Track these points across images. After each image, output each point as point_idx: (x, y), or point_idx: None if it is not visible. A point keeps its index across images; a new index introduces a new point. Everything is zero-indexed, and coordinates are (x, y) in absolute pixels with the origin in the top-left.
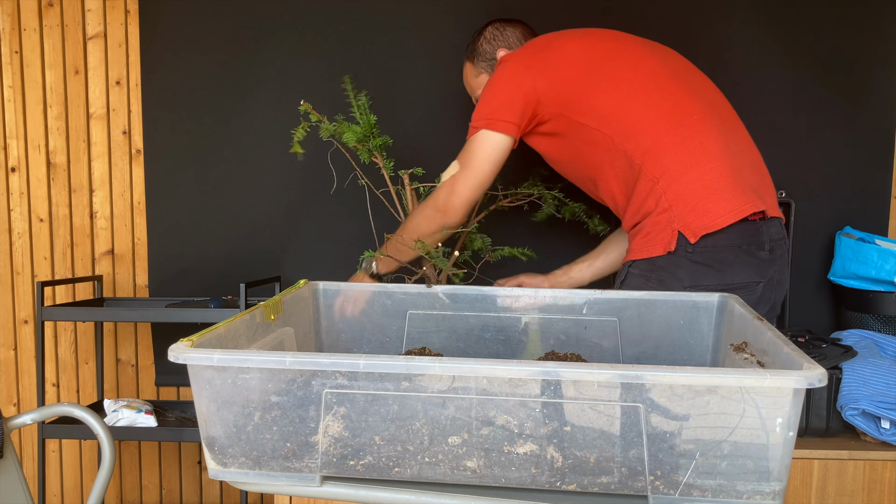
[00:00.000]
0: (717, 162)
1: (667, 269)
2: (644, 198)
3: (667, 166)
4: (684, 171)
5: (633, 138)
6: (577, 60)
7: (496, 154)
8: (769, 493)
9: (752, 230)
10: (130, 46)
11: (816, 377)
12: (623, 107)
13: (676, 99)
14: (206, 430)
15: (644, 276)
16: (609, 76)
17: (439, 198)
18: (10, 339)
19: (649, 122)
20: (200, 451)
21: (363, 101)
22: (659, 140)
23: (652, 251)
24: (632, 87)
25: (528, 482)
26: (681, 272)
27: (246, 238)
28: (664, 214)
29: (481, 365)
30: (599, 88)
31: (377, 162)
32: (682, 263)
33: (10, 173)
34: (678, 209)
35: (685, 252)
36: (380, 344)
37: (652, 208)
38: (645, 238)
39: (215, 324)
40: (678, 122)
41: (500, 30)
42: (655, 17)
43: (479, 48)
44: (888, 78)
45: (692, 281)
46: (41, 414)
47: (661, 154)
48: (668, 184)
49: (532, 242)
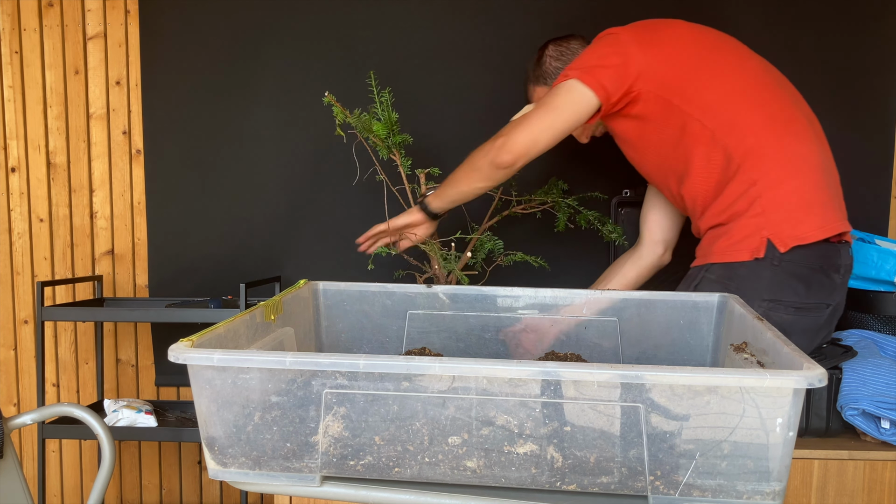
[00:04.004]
0: (816, 175)
1: (748, 279)
2: (735, 199)
3: (767, 170)
4: (785, 179)
5: (737, 135)
6: (688, 46)
7: (581, 106)
8: (769, 493)
9: (831, 252)
10: (130, 46)
11: (816, 377)
12: (729, 101)
13: (782, 104)
14: (206, 430)
15: (721, 283)
16: (717, 68)
17: (502, 131)
18: (10, 339)
19: (755, 122)
20: (200, 451)
21: (386, 98)
22: (762, 141)
23: (736, 255)
24: (739, 84)
25: (528, 482)
26: (761, 284)
27: (246, 238)
28: (755, 219)
29: (481, 365)
30: (707, 78)
31: (394, 159)
32: (766, 275)
33: (10, 173)
34: (772, 216)
35: (771, 263)
36: (380, 344)
37: (743, 211)
38: (729, 241)
39: (215, 324)
40: (782, 127)
41: (563, 46)
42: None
43: (548, 68)
44: (888, 78)
45: (771, 295)
46: (41, 414)
47: (764, 157)
48: (766, 188)
49: (543, 251)
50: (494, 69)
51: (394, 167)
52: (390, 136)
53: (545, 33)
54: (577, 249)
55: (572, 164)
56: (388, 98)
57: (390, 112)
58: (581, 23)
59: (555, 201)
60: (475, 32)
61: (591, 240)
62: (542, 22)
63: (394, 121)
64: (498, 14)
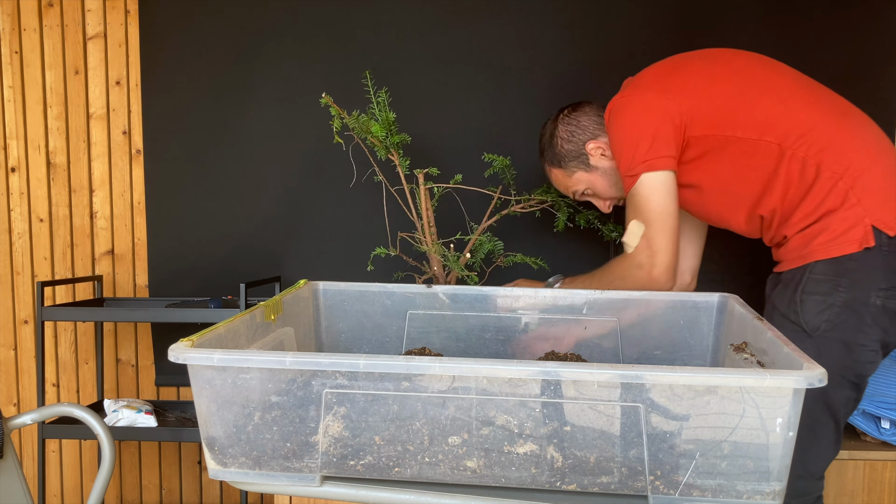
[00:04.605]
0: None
1: (858, 270)
2: (824, 197)
3: (851, 161)
4: (870, 166)
5: (806, 139)
6: (717, 75)
7: (672, 192)
8: (769, 493)
9: None
10: (130, 46)
11: (816, 377)
12: (786, 111)
13: (831, 97)
14: (206, 430)
15: (831, 280)
16: (759, 84)
17: (642, 260)
18: (10, 339)
19: (818, 121)
20: (200, 451)
21: (383, 98)
22: (832, 137)
23: (843, 248)
24: (786, 91)
25: (528, 482)
26: (876, 274)
27: (246, 238)
28: (853, 209)
29: (481, 365)
30: (752, 97)
31: (393, 159)
32: (877, 263)
33: (10, 173)
34: (869, 203)
35: (881, 250)
36: (380, 344)
37: (837, 205)
38: (831, 236)
39: (215, 324)
40: (841, 118)
41: (573, 124)
42: (655, 18)
43: (561, 151)
44: (888, 78)
45: (889, 283)
46: (41, 414)
47: (842, 150)
48: (854, 179)
49: (543, 250)
50: (493, 69)
51: (392, 167)
52: (388, 136)
53: (545, 33)
54: (577, 249)
55: None
56: (385, 98)
57: (388, 112)
58: (581, 22)
59: (554, 201)
60: (475, 32)
61: (590, 239)
62: (541, 22)
63: (391, 121)
64: (498, 14)
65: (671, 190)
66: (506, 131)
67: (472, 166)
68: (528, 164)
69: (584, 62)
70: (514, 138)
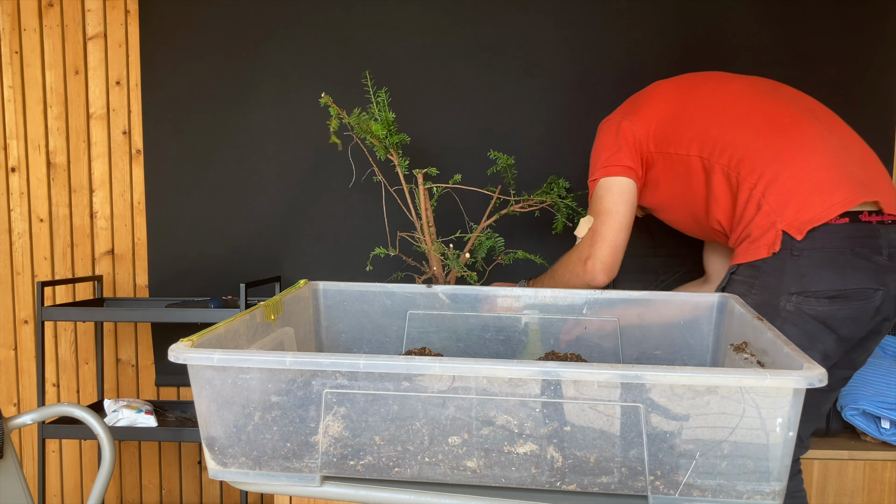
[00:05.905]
0: (815, 157)
1: (772, 274)
2: (744, 207)
3: (762, 170)
4: (780, 171)
5: (726, 152)
6: (666, 95)
7: (626, 195)
8: (769, 493)
9: (865, 232)
10: (130, 46)
11: (816, 377)
12: (712, 126)
13: (764, 109)
14: (206, 430)
15: (747, 282)
16: (697, 103)
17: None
18: (10, 339)
19: (738, 134)
20: (200, 451)
21: (383, 98)
22: (750, 148)
23: (756, 254)
24: (719, 108)
25: (528, 482)
26: (787, 278)
27: (246, 238)
28: (767, 216)
29: (481, 365)
30: (688, 115)
31: (392, 159)
32: (788, 268)
33: (10, 173)
34: (779, 207)
35: (790, 255)
36: (380, 344)
37: (754, 213)
38: (749, 242)
39: (215, 324)
40: (767, 128)
41: None
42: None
43: None
44: (888, 78)
45: (799, 288)
46: (41, 414)
47: (756, 161)
48: (766, 186)
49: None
50: (493, 69)
51: (392, 167)
52: (388, 136)
53: (545, 33)
54: None
55: (570, 164)
56: (385, 97)
57: (387, 112)
58: (581, 23)
59: (553, 201)
60: (474, 32)
61: None
62: (541, 22)
63: (391, 120)
64: (497, 14)
65: (624, 193)
66: (506, 131)
67: (472, 166)
68: (527, 164)
69: (583, 62)
70: (513, 138)
